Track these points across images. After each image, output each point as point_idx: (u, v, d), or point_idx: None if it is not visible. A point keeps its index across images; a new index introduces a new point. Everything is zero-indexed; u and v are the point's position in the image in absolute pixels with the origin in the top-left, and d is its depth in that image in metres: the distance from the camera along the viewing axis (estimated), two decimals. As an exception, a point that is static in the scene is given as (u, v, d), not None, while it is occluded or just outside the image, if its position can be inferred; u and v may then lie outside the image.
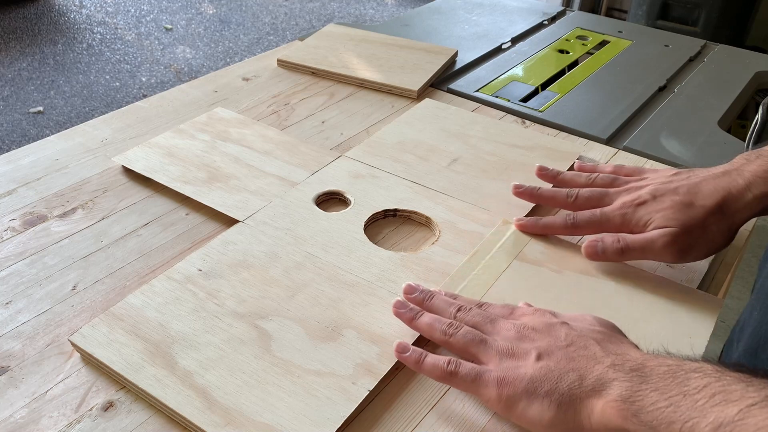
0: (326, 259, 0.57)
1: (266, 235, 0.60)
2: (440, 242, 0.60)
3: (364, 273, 0.56)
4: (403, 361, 0.47)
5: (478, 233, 0.61)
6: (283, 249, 0.58)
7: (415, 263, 0.58)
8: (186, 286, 0.54)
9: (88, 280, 0.56)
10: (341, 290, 0.54)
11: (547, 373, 0.42)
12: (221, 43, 3.13)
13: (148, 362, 0.47)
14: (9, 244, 0.60)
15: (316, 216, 0.63)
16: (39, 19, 3.20)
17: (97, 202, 0.65)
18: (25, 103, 2.51)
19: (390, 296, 0.53)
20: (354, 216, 0.63)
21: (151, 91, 2.65)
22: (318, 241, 0.59)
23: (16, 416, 0.45)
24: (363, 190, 0.66)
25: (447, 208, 0.65)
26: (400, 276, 0.56)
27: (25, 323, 0.52)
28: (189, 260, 0.56)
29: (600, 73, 0.99)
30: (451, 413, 0.46)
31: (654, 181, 0.60)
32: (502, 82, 0.95)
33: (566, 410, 0.41)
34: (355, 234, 0.61)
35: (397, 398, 0.47)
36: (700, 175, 0.58)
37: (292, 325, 0.50)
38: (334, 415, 0.44)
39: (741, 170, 0.56)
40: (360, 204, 0.65)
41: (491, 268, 0.57)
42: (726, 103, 0.91)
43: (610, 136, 0.83)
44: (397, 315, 0.50)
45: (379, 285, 0.55)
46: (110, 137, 0.76)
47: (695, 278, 0.59)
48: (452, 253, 0.59)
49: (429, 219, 0.64)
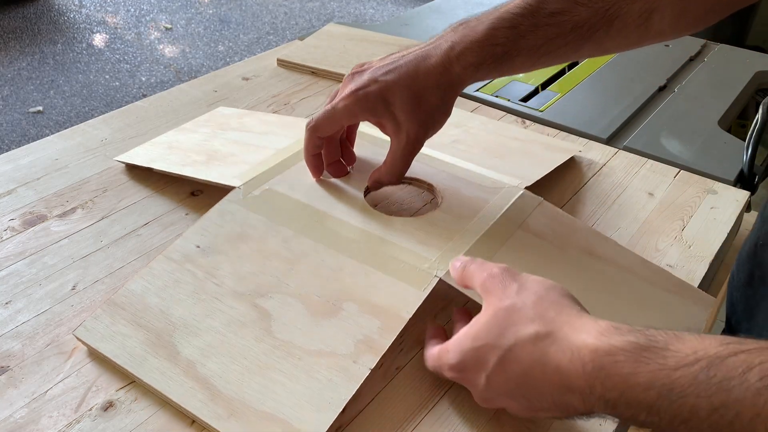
0: (326, 224, 0.55)
1: (264, 201, 0.58)
2: (443, 207, 0.58)
3: (364, 238, 0.54)
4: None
5: (482, 199, 0.59)
6: (281, 216, 0.56)
7: (416, 228, 0.55)
8: (185, 266, 0.53)
9: (88, 280, 0.56)
10: (341, 259, 0.52)
11: (560, 418, 0.43)
12: (221, 42, 3.13)
13: (150, 354, 0.47)
14: (9, 244, 0.60)
15: (316, 183, 0.61)
16: (39, 19, 3.19)
17: (96, 201, 0.65)
18: (24, 103, 2.51)
19: (391, 262, 0.52)
20: (354, 182, 0.61)
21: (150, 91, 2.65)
22: (317, 207, 0.57)
23: (15, 416, 0.45)
24: (364, 157, 0.65)
25: (449, 176, 0.63)
26: (401, 242, 0.54)
27: (24, 323, 0.52)
28: (187, 237, 0.55)
29: (600, 72, 0.99)
30: (451, 413, 0.46)
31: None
32: (502, 82, 0.95)
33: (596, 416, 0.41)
34: (356, 199, 0.59)
35: (397, 398, 0.47)
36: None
37: (292, 301, 0.50)
38: (336, 399, 0.44)
39: (439, 45, 0.54)
40: (360, 171, 0.63)
41: (494, 235, 0.55)
42: (726, 103, 0.91)
43: (610, 136, 0.83)
44: None
45: (380, 250, 0.53)
46: (110, 137, 0.76)
47: (695, 278, 0.59)
48: (455, 218, 0.57)
49: (431, 185, 0.62)
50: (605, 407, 0.37)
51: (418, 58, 0.54)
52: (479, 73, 0.54)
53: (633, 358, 0.35)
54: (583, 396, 0.37)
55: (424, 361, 0.50)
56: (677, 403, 0.33)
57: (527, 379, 0.40)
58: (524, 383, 0.40)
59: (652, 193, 0.71)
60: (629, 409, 0.35)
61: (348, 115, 0.56)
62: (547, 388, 0.39)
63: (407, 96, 0.54)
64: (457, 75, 0.53)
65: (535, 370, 0.39)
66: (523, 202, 0.59)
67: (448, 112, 0.56)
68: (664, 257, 0.62)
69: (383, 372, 0.49)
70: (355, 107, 0.55)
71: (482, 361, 0.41)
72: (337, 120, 0.57)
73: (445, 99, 0.55)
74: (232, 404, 0.44)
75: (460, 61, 0.53)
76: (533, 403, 0.40)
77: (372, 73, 0.55)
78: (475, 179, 0.62)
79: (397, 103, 0.54)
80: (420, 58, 0.54)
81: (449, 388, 0.48)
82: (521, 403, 0.41)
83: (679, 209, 0.69)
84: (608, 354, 0.36)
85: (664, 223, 0.67)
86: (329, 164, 0.61)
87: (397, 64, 0.55)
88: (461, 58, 0.53)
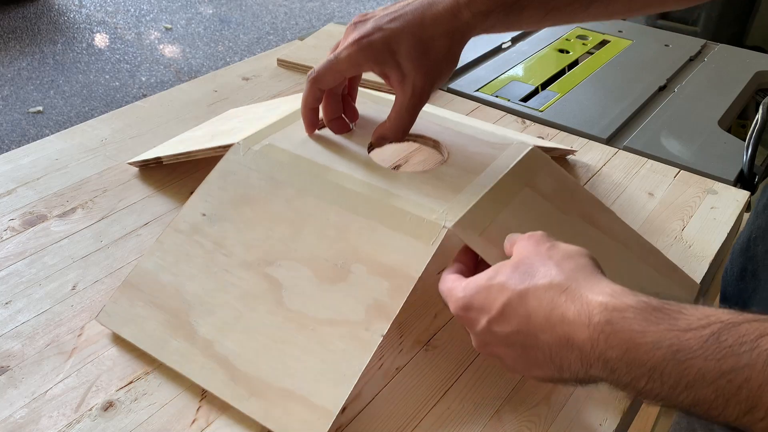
0: (329, 179, 0.53)
1: (264, 157, 0.56)
2: (449, 162, 0.56)
3: (369, 191, 0.52)
4: None
5: (490, 155, 0.57)
6: (282, 172, 0.54)
7: (423, 181, 0.53)
8: (193, 237, 0.53)
9: (88, 280, 0.56)
10: (346, 215, 0.50)
11: (551, 379, 0.40)
12: (221, 42, 3.13)
13: (170, 335, 0.48)
14: (9, 244, 0.60)
15: (317, 138, 0.59)
16: (39, 19, 3.19)
17: (96, 201, 0.65)
18: (24, 103, 2.51)
19: (398, 214, 0.50)
20: (357, 138, 0.59)
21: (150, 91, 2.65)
22: (319, 162, 0.55)
23: (15, 416, 0.45)
24: (367, 115, 0.62)
25: (455, 133, 0.60)
26: (408, 194, 0.51)
27: (24, 323, 0.52)
28: (192, 204, 0.54)
29: (600, 72, 0.99)
30: (451, 413, 0.46)
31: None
32: (502, 82, 0.95)
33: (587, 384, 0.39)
34: (359, 155, 0.56)
35: (397, 398, 0.47)
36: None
37: (300, 267, 0.49)
38: (351, 370, 0.44)
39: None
40: (363, 127, 0.60)
41: (502, 191, 0.53)
42: (726, 103, 0.91)
43: (610, 136, 0.82)
44: None
45: (386, 203, 0.50)
46: (110, 137, 0.76)
47: (695, 278, 0.59)
48: (463, 173, 0.54)
49: (437, 142, 0.60)
50: (603, 368, 0.35)
51: (425, 5, 0.52)
52: (488, 21, 0.52)
53: (643, 316, 0.34)
54: (582, 353, 0.36)
55: (422, 362, 0.51)
56: (683, 365, 0.32)
57: (529, 325, 0.38)
58: (524, 330, 0.39)
59: (652, 193, 0.71)
60: (630, 372, 0.34)
61: (351, 64, 0.53)
62: (546, 337, 0.38)
63: (413, 44, 0.52)
64: (466, 22, 0.52)
65: (539, 317, 0.38)
66: (531, 159, 0.57)
67: (455, 62, 0.54)
68: (664, 257, 0.62)
69: (383, 372, 0.49)
70: (359, 56, 0.53)
71: (489, 301, 0.40)
72: (340, 70, 0.54)
73: (452, 48, 0.53)
74: (252, 383, 0.45)
75: (470, 7, 0.51)
76: (529, 355, 0.39)
77: (376, 21, 0.53)
78: (482, 136, 0.60)
79: (403, 52, 0.52)
80: (426, 5, 0.52)
81: (449, 388, 0.48)
82: (516, 352, 0.40)
83: (679, 209, 0.69)
84: (617, 310, 0.35)
85: (664, 223, 0.67)
86: (330, 120, 0.59)
87: (402, 11, 0.53)
88: (471, 4, 0.51)
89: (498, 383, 0.49)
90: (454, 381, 0.49)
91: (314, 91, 0.56)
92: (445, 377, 0.49)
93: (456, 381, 0.49)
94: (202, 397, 0.46)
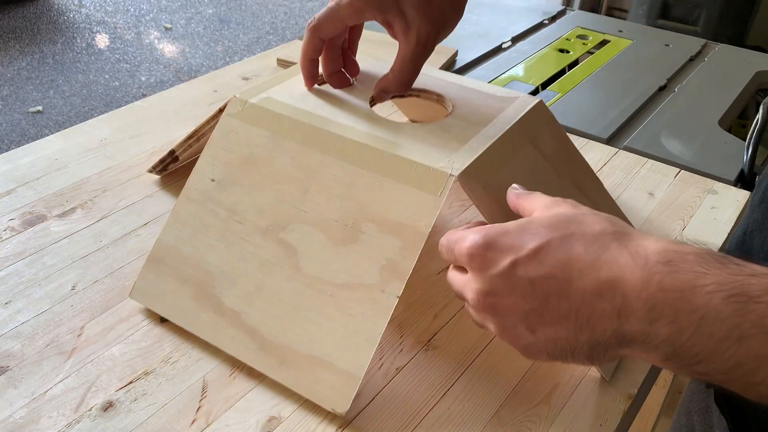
0: (331, 130, 0.51)
1: (264, 111, 0.54)
2: (454, 114, 0.54)
3: (373, 142, 0.50)
4: None
5: (495, 107, 0.55)
6: (283, 126, 0.53)
7: (427, 132, 0.51)
8: (207, 206, 0.53)
9: (88, 280, 0.56)
10: (351, 170, 0.49)
11: (556, 343, 0.37)
12: (221, 42, 3.13)
13: (199, 308, 0.50)
14: (8, 244, 0.59)
15: (317, 92, 0.56)
16: (38, 19, 3.19)
17: (96, 201, 0.65)
18: (24, 103, 2.51)
19: (403, 165, 0.48)
20: (358, 92, 0.57)
21: (150, 91, 2.65)
22: (320, 114, 0.53)
23: (15, 416, 0.44)
24: (368, 71, 0.60)
25: (460, 88, 0.59)
26: (413, 145, 0.49)
27: (24, 323, 0.52)
28: (199, 170, 0.54)
29: (600, 72, 0.99)
30: (451, 414, 0.46)
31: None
32: (502, 82, 0.95)
33: (602, 358, 0.36)
34: (361, 108, 0.54)
35: (397, 398, 0.47)
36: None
37: (312, 231, 0.49)
38: (371, 334, 0.45)
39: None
40: (364, 83, 0.58)
41: (506, 144, 0.51)
42: (726, 103, 0.91)
43: (610, 136, 0.82)
44: None
45: (391, 151, 0.49)
46: (109, 137, 0.76)
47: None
48: (468, 125, 0.53)
49: (441, 95, 0.58)
50: (645, 318, 0.32)
51: None
52: None
53: (705, 259, 0.32)
54: (625, 299, 0.33)
55: (422, 362, 0.51)
56: (744, 310, 0.30)
57: (564, 270, 0.35)
58: (557, 275, 0.35)
59: (653, 193, 0.71)
60: (676, 321, 0.31)
61: (353, 11, 0.51)
62: (583, 283, 0.34)
63: None
64: None
65: (582, 261, 0.34)
66: (537, 113, 0.55)
67: (461, 11, 0.53)
68: (665, 257, 0.62)
69: (383, 372, 0.49)
70: (361, 3, 0.51)
71: (521, 242, 0.36)
72: (341, 17, 0.52)
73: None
74: (281, 352, 0.47)
75: None
76: (547, 308, 0.35)
77: None
78: (488, 90, 0.59)
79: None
80: None
81: (449, 388, 0.48)
82: (530, 305, 0.36)
83: (680, 209, 0.69)
84: (679, 252, 0.33)
85: (664, 223, 0.67)
86: (330, 74, 0.57)
87: None
88: None
89: (498, 383, 0.49)
90: (454, 381, 0.49)
91: (314, 41, 0.53)
92: (445, 377, 0.49)
93: (456, 381, 0.49)
94: (202, 397, 0.46)
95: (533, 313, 0.36)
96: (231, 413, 0.45)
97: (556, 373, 0.50)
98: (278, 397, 0.47)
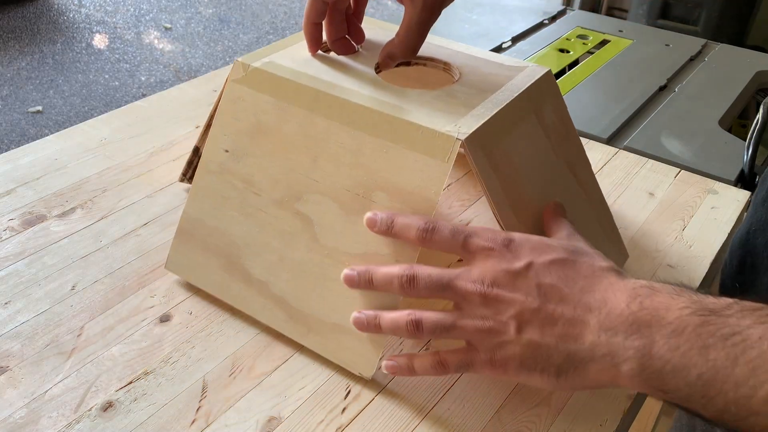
0: (335, 94, 0.50)
1: (268, 76, 0.53)
2: (461, 82, 0.53)
3: (378, 106, 0.49)
4: (390, 371, 0.46)
5: (503, 75, 0.54)
6: (287, 91, 0.52)
7: (434, 98, 0.50)
8: (224, 177, 0.54)
9: (87, 280, 0.56)
10: (358, 136, 0.49)
11: (535, 349, 0.40)
12: (221, 42, 3.13)
13: (229, 279, 0.52)
14: (8, 244, 0.59)
15: (320, 57, 0.56)
16: (38, 19, 3.19)
17: (96, 201, 0.65)
18: (24, 103, 2.51)
19: (410, 130, 0.47)
20: (363, 59, 0.56)
21: (150, 91, 2.65)
22: (324, 78, 0.52)
23: (15, 416, 0.44)
24: (373, 39, 0.59)
25: (467, 57, 0.58)
26: (419, 110, 0.49)
27: (24, 323, 0.52)
28: (213, 141, 0.54)
29: (600, 72, 0.99)
30: (451, 415, 0.46)
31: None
32: (502, 82, 0.95)
33: (568, 377, 0.40)
34: (366, 73, 0.54)
35: (397, 398, 0.47)
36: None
37: (325, 201, 0.50)
38: (389, 304, 0.47)
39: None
40: (369, 50, 0.57)
41: (511, 112, 0.51)
42: (727, 103, 0.91)
43: (610, 136, 0.82)
44: (354, 322, 0.46)
45: (396, 115, 0.48)
46: (109, 137, 0.76)
47: (696, 278, 0.59)
48: (475, 91, 0.52)
49: (448, 63, 0.57)
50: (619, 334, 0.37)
51: None
52: None
53: (682, 289, 0.38)
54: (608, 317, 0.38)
55: (424, 361, 0.50)
56: (707, 322, 0.34)
57: (568, 284, 0.40)
58: (561, 287, 0.40)
59: (653, 193, 0.71)
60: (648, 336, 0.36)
61: None
62: (579, 297, 0.39)
63: None
64: None
65: (585, 281, 0.40)
66: (544, 84, 0.55)
67: None
68: (665, 257, 0.62)
69: (383, 372, 0.49)
70: None
71: (538, 250, 0.42)
72: None
73: None
74: (308, 320, 0.50)
75: None
76: (543, 308, 0.39)
77: None
78: (495, 59, 0.58)
79: None
80: None
81: (449, 388, 0.48)
82: (531, 304, 0.40)
83: (680, 209, 0.69)
84: (659, 283, 0.39)
85: (664, 223, 0.67)
86: (334, 40, 0.56)
87: None
88: None
89: (498, 383, 0.49)
90: (455, 381, 0.49)
91: (317, 4, 0.52)
92: (445, 377, 0.49)
93: (456, 381, 0.49)
94: (202, 397, 0.46)
95: (527, 312, 0.40)
96: (231, 413, 0.45)
97: (556, 373, 0.50)
98: (278, 397, 0.47)
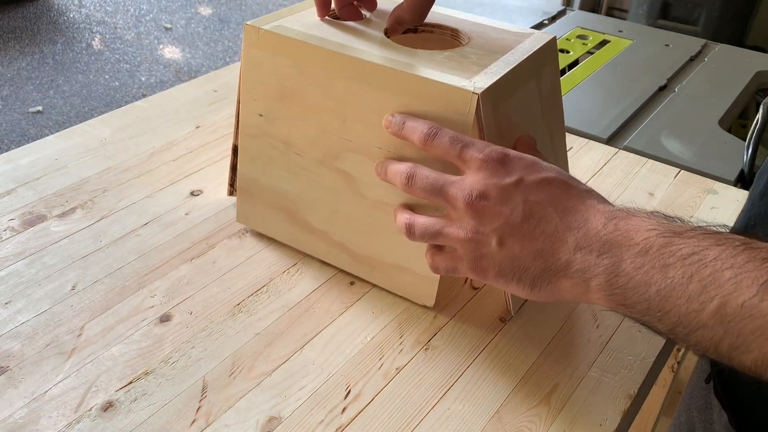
0: (350, 55, 0.51)
1: (280, 38, 0.53)
2: (471, 44, 0.54)
3: (393, 65, 0.49)
4: None
5: (511, 40, 0.56)
6: (303, 54, 0.52)
7: (445, 58, 0.51)
8: (264, 140, 0.56)
9: (88, 280, 0.56)
10: (379, 97, 0.50)
11: (513, 261, 0.42)
12: (221, 42, 3.13)
13: (294, 230, 0.57)
14: (8, 244, 0.59)
15: (330, 21, 0.56)
16: (38, 19, 3.19)
17: (96, 201, 0.65)
18: (24, 103, 2.51)
19: (427, 86, 0.48)
20: (372, 24, 0.56)
21: (150, 91, 2.65)
22: (336, 40, 0.52)
23: (15, 416, 0.44)
24: (382, 9, 0.60)
25: (474, 24, 0.58)
26: (432, 66, 0.49)
27: (24, 323, 0.52)
28: (245, 106, 0.57)
29: (600, 72, 0.99)
30: (451, 413, 0.46)
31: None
32: (502, 82, 0.95)
33: (541, 289, 0.42)
34: (376, 36, 0.54)
35: (397, 398, 0.47)
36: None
37: (361, 158, 0.52)
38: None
39: None
40: (377, 17, 0.58)
41: (517, 75, 0.52)
42: (727, 103, 0.91)
43: (610, 136, 0.82)
44: None
45: (412, 76, 0.48)
46: (109, 137, 0.76)
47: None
48: (485, 53, 0.53)
49: (456, 30, 0.58)
50: (592, 253, 0.39)
51: None
52: None
53: (655, 214, 0.39)
54: (585, 236, 0.39)
55: (422, 362, 0.51)
56: (670, 243, 0.36)
57: (553, 202, 0.41)
58: (546, 205, 0.41)
59: (653, 193, 0.71)
60: (617, 255, 0.38)
61: None
62: (561, 217, 0.40)
63: None
64: None
65: (570, 201, 0.41)
66: (548, 49, 0.56)
67: None
68: (665, 257, 0.62)
69: (383, 372, 0.49)
70: None
71: (530, 168, 0.42)
72: None
73: None
74: (370, 261, 0.55)
75: None
76: (525, 224, 0.41)
77: None
78: (502, 26, 0.59)
79: None
80: None
81: (449, 388, 0.48)
82: (515, 219, 0.41)
83: (680, 209, 0.69)
84: (636, 208, 0.40)
85: (664, 223, 0.67)
86: (342, 6, 0.56)
87: None
88: None
89: (498, 383, 0.49)
90: (454, 381, 0.49)
91: None
92: (445, 377, 0.49)
93: (456, 381, 0.49)
94: (202, 397, 0.46)
95: (510, 227, 0.42)
96: (231, 413, 0.45)
97: (556, 373, 0.50)
98: (278, 397, 0.47)
